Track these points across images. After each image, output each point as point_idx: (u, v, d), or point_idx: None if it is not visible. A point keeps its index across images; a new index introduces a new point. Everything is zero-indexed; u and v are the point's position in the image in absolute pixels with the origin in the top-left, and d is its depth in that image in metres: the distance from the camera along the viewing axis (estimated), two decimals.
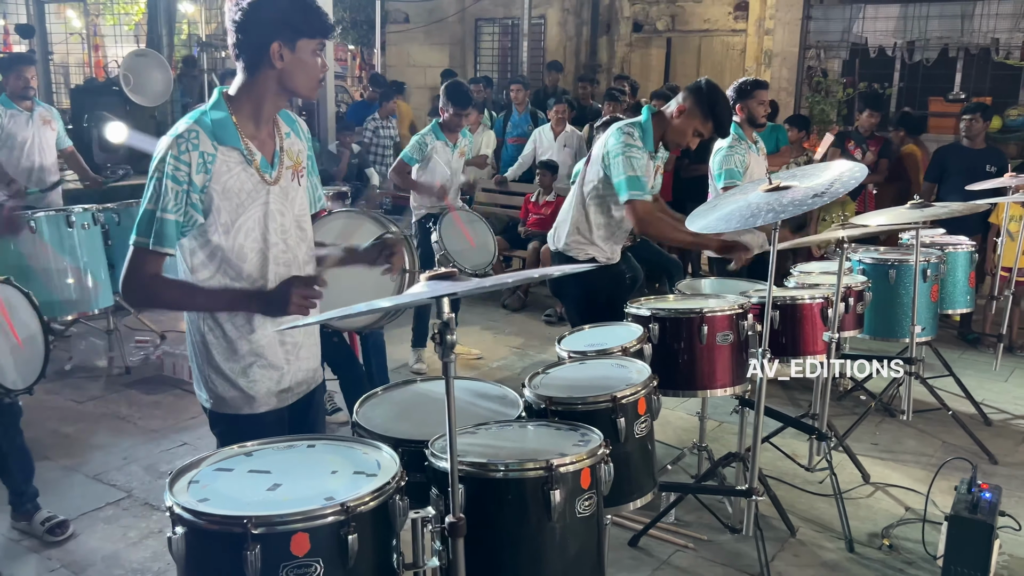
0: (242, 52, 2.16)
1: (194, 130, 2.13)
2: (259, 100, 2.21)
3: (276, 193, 2.26)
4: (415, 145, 5.65)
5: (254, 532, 1.62)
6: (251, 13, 2.11)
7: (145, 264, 2.15)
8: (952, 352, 6.24)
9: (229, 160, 2.17)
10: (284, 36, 2.12)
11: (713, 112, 3.67)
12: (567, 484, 1.91)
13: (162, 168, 2.10)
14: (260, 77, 2.18)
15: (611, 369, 2.64)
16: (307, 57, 2.17)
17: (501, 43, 13.04)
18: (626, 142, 3.70)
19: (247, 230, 2.21)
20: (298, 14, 2.14)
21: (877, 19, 9.07)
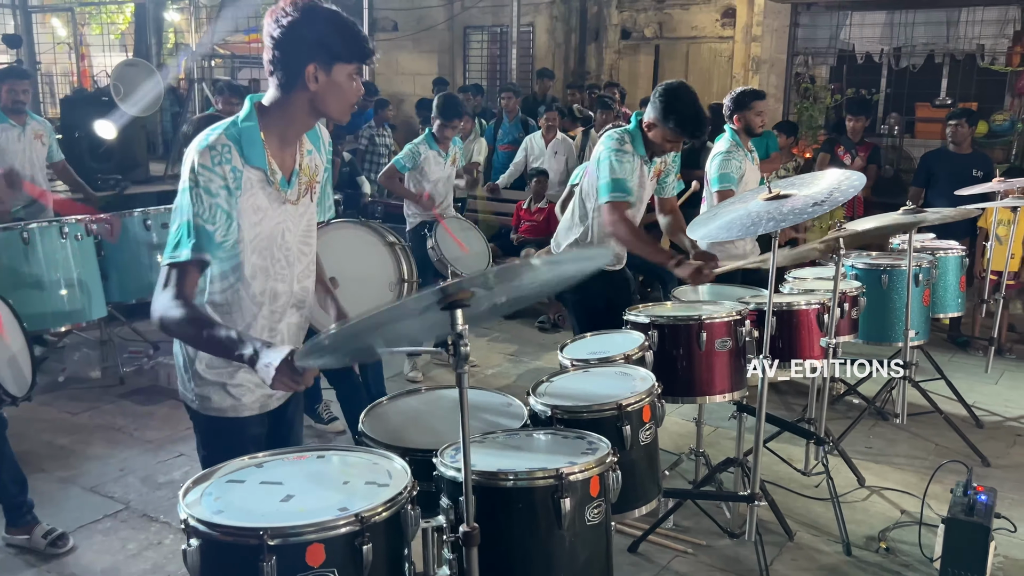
0: (277, 69, 2.13)
1: (226, 144, 2.11)
2: (289, 119, 2.19)
3: (289, 212, 2.26)
4: (408, 153, 5.69)
5: (270, 543, 1.63)
6: (290, 32, 2.08)
7: (187, 277, 2.09)
8: (942, 355, 6.29)
9: (252, 178, 2.16)
10: (321, 59, 2.10)
11: (670, 124, 3.67)
12: (577, 492, 1.93)
13: (194, 179, 2.07)
14: (293, 97, 2.15)
15: (615, 377, 2.66)
16: (342, 81, 2.13)
17: (490, 51, 13.07)
18: (615, 147, 3.75)
19: (261, 249, 2.21)
20: (337, 38, 2.11)
21: (864, 26, 9.16)
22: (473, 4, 12.62)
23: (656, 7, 11.43)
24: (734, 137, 4.87)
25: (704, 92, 11.26)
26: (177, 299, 2.07)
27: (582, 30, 12.04)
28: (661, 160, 3.96)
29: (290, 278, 2.31)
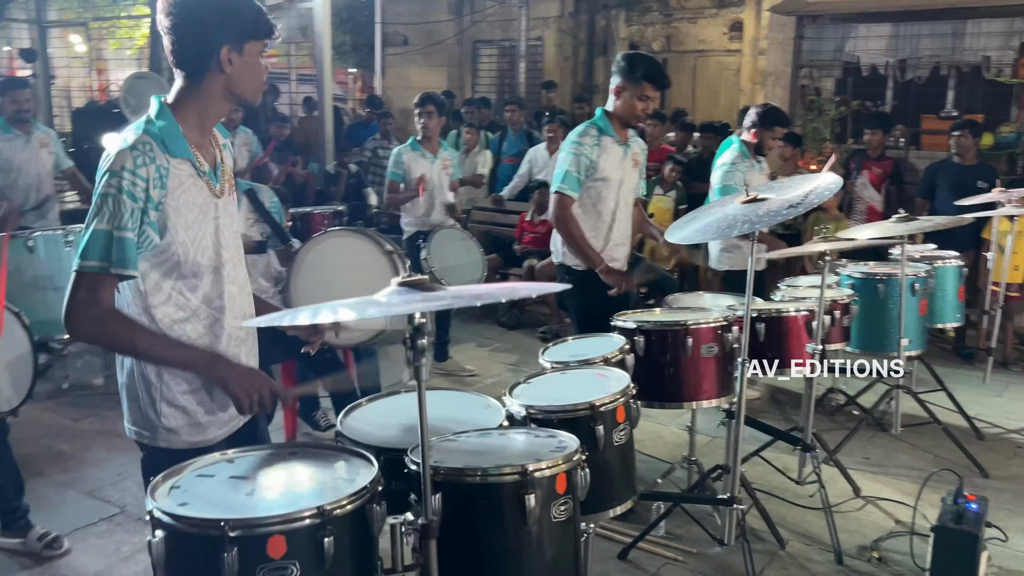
0: (184, 58, 2.07)
1: (146, 142, 2.01)
2: (204, 107, 2.12)
3: (222, 207, 2.19)
4: (392, 161, 5.82)
5: (231, 535, 1.65)
6: (193, 17, 2.03)
7: (102, 290, 1.99)
8: (946, 367, 6.25)
9: (181, 173, 2.07)
10: (232, 39, 2.06)
11: (639, 74, 3.87)
12: (542, 489, 1.94)
13: (117, 184, 1.96)
14: (205, 83, 2.09)
15: (591, 378, 2.68)
16: (254, 60, 2.11)
17: (499, 65, 13.16)
18: (575, 140, 3.96)
19: (202, 248, 2.12)
20: (243, 16, 2.07)
21: (869, 38, 9.15)
22: (483, 19, 12.72)
23: (664, 21, 11.48)
24: (742, 148, 4.89)
25: (711, 105, 11.30)
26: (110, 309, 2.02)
27: (590, 44, 12.10)
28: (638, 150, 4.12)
29: (238, 276, 2.24)
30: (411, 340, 1.63)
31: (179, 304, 2.12)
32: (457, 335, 6.85)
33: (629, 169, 4.05)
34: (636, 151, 4.13)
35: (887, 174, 7.26)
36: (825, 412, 5.42)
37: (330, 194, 8.50)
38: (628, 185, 4.06)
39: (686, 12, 11.29)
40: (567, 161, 3.91)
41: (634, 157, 4.09)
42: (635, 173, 4.10)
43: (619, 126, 4.01)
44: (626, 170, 4.03)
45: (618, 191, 4.01)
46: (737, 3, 10.82)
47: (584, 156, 3.90)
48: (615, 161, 3.98)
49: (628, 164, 4.04)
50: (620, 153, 4.00)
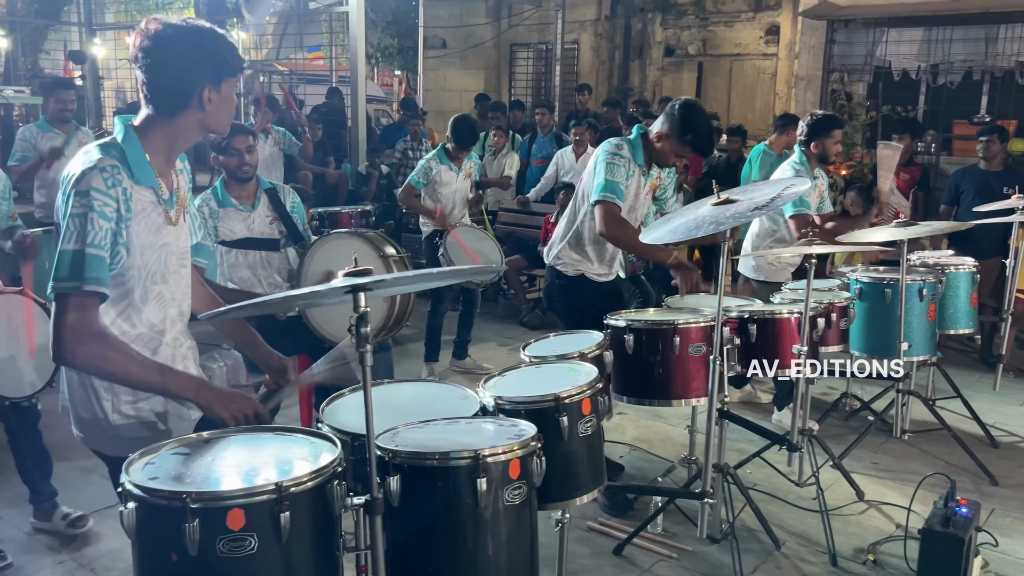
0: (160, 96, 2.10)
1: (114, 164, 2.04)
2: (174, 139, 2.16)
3: (174, 233, 2.22)
4: (421, 170, 5.90)
5: (192, 507, 1.77)
6: (174, 59, 2.06)
7: (88, 311, 1.99)
8: (971, 375, 6.21)
9: (143, 199, 2.10)
10: (211, 79, 2.10)
11: (687, 138, 3.77)
12: (496, 473, 2.04)
13: (87, 203, 1.97)
14: (180, 118, 2.13)
15: (562, 372, 2.76)
16: (229, 95, 2.16)
17: (535, 68, 13.27)
18: (612, 152, 3.86)
19: (151, 272, 2.15)
20: (222, 55, 2.12)
21: (900, 42, 9.07)
22: (519, 22, 12.84)
23: (700, 24, 11.49)
24: (802, 160, 4.85)
25: (747, 109, 11.28)
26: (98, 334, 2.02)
27: (626, 47, 12.15)
28: (656, 175, 4.05)
29: (180, 301, 2.28)
30: (355, 328, 1.73)
31: (122, 330, 2.14)
32: (480, 334, 6.97)
33: (643, 197, 4.04)
34: (656, 176, 4.10)
35: (915, 180, 7.20)
36: (839, 417, 5.42)
37: (361, 195, 8.67)
38: (636, 213, 4.05)
39: (722, 16, 11.29)
40: (606, 171, 3.81)
41: (652, 184, 4.08)
42: (648, 200, 4.08)
43: (648, 158, 3.97)
44: (640, 198, 4.02)
45: (626, 216, 4.03)
46: (774, 7, 10.79)
47: (622, 168, 3.84)
48: (634, 189, 3.96)
49: (644, 192, 4.03)
50: (641, 182, 3.99)
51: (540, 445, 2.15)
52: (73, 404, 2.23)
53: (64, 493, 4.08)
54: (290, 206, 4.26)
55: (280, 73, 16.32)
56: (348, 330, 1.76)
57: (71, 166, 2.09)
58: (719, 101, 11.52)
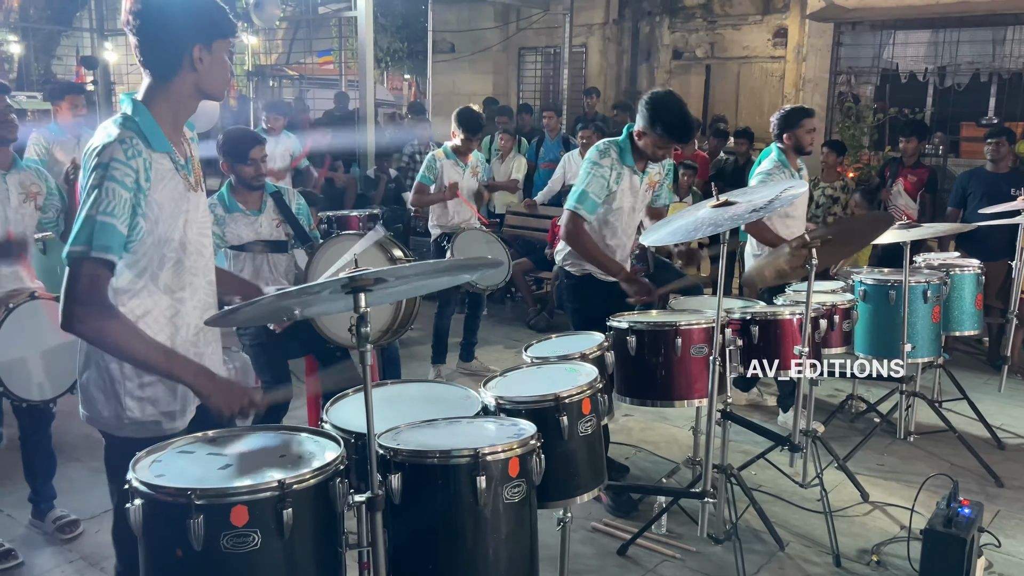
0: (155, 58, 2.14)
1: (131, 135, 2.08)
2: (176, 105, 2.20)
3: (194, 200, 2.25)
4: (426, 165, 5.96)
5: (197, 503, 1.81)
6: (164, 19, 2.10)
7: (98, 277, 2.02)
8: (978, 377, 6.19)
9: (162, 167, 2.14)
10: (202, 39, 2.14)
11: (659, 130, 3.80)
12: (495, 471, 2.07)
13: (106, 173, 2.02)
14: (176, 81, 2.16)
15: (563, 373, 2.78)
16: (221, 57, 2.19)
17: (544, 71, 13.31)
18: (594, 160, 3.93)
19: (172, 240, 2.18)
20: (210, 15, 2.16)
21: (907, 44, 9.07)
22: (528, 26, 12.88)
23: (708, 28, 11.50)
24: (780, 157, 4.88)
25: (755, 112, 11.27)
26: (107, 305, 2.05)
27: (634, 51, 12.17)
28: (656, 171, 4.08)
29: (205, 272, 2.31)
30: (356, 328, 1.77)
31: (143, 297, 2.17)
32: (487, 336, 7.00)
33: (641, 195, 4.07)
34: (653, 174, 4.13)
35: (923, 182, 7.19)
36: (845, 419, 5.43)
37: (369, 198, 8.72)
38: (637, 213, 4.09)
39: (730, 19, 11.31)
40: (586, 181, 3.88)
41: (650, 180, 4.11)
42: (648, 196, 4.13)
43: (638, 158, 3.99)
44: (638, 197, 4.05)
45: (627, 217, 4.05)
46: (781, 10, 10.80)
47: (602, 178, 3.88)
48: (629, 189, 3.99)
49: (642, 190, 4.06)
50: (635, 182, 4.01)
51: (539, 444, 2.18)
52: (86, 383, 2.25)
53: (73, 494, 4.14)
54: (295, 208, 4.31)
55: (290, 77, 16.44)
56: (349, 330, 1.79)
57: (92, 140, 2.13)
58: (727, 104, 11.53)
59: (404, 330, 4.02)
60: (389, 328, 3.71)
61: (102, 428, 2.31)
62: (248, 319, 2.08)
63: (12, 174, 3.74)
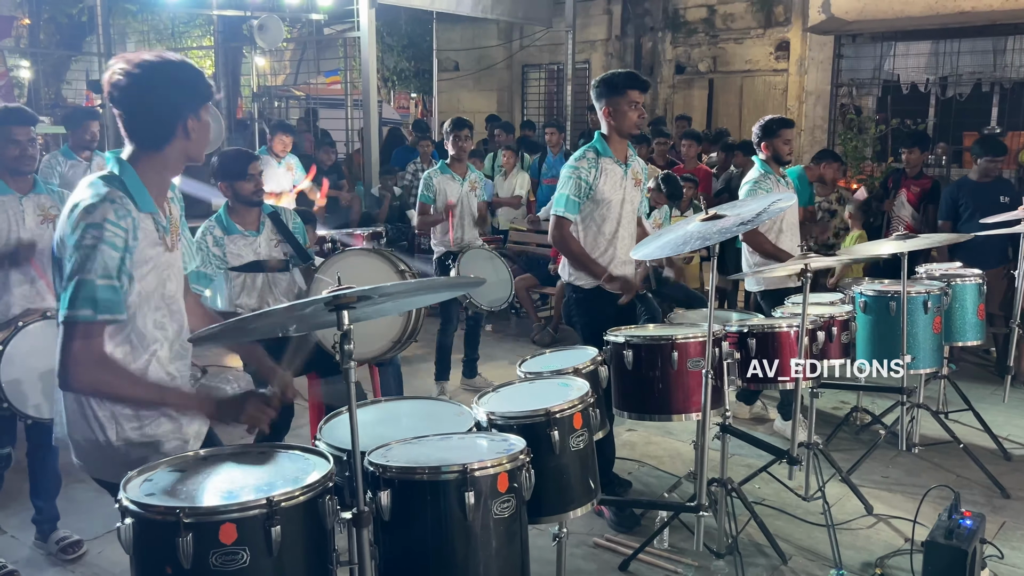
0: (145, 131, 2.16)
1: (121, 195, 2.10)
2: (163, 169, 2.21)
3: (170, 259, 2.27)
4: (423, 184, 5.99)
5: (186, 521, 1.83)
6: (157, 97, 2.12)
7: (94, 339, 2.05)
8: (984, 387, 6.15)
9: (147, 227, 2.16)
10: (193, 108, 2.17)
11: (620, 85, 3.96)
12: (484, 487, 2.08)
13: (99, 235, 2.03)
14: (167, 150, 2.18)
15: (555, 387, 2.79)
16: (207, 119, 2.23)
17: (547, 88, 13.38)
18: (572, 165, 4.08)
19: (150, 299, 2.20)
20: (199, 84, 2.18)
21: (908, 56, 9.08)
22: (531, 43, 12.96)
23: (710, 42, 11.55)
24: (763, 166, 4.96)
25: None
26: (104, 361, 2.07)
27: (637, 66, 12.22)
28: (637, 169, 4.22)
29: (178, 327, 2.32)
30: (339, 345, 1.79)
31: (124, 351, 2.18)
32: (491, 352, 7.01)
33: (630, 188, 4.14)
34: (636, 170, 4.22)
35: (925, 192, 7.17)
36: (850, 431, 5.40)
37: (374, 216, 8.76)
38: (630, 205, 4.16)
39: (732, 33, 11.35)
40: (564, 185, 4.04)
41: (635, 176, 4.18)
42: (637, 192, 4.20)
43: (618, 146, 4.10)
44: (627, 189, 4.12)
45: (620, 211, 4.11)
46: (783, 23, 10.83)
47: (581, 179, 4.00)
48: (615, 181, 4.07)
49: (629, 183, 4.13)
50: (620, 173, 4.10)
51: (529, 459, 2.18)
52: (72, 433, 2.25)
53: (77, 514, 4.15)
54: (292, 227, 4.35)
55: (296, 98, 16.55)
56: (332, 347, 1.81)
57: (76, 195, 2.14)
58: (731, 117, 11.56)
59: (410, 341, 4.06)
60: (399, 339, 3.75)
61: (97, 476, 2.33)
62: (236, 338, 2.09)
63: (30, 197, 3.85)
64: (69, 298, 2.03)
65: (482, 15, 10.73)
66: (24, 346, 3.65)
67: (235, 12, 10.92)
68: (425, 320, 4.23)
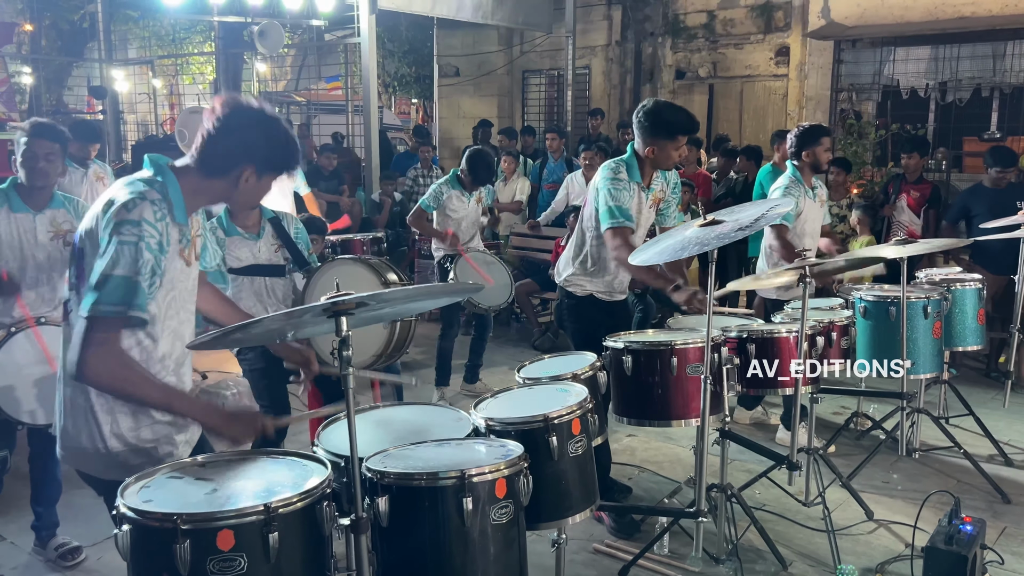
0: (210, 159, 2.20)
1: (161, 200, 2.14)
2: (200, 193, 2.25)
3: (188, 273, 2.30)
4: (432, 194, 5.96)
5: (183, 528, 1.83)
6: (238, 132, 2.17)
7: (116, 334, 2.07)
8: (985, 392, 6.15)
9: (174, 236, 2.19)
10: (258, 166, 2.21)
11: (671, 130, 3.83)
12: (482, 492, 2.08)
13: (139, 233, 2.06)
14: (215, 182, 2.23)
15: (554, 393, 2.79)
16: (265, 185, 2.28)
17: (548, 93, 13.38)
18: (611, 177, 3.90)
19: (170, 308, 2.24)
20: (278, 152, 2.23)
21: (908, 61, 9.09)
22: (531, 49, 12.97)
23: (710, 47, 11.55)
24: (795, 174, 4.90)
25: (759, 130, 11.28)
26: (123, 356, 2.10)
27: (637, 71, 12.22)
28: (659, 188, 4.11)
29: (188, 337, 2.35)
30: (338, 352, 1.79)
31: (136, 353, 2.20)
32: (492, 357, 7.00)
33: (646, 212, 4.08)
34: (658, 190, 4.14)
35: (926, 197, 7.18)
36: (851, 437, 5.40)
37: (374, 222, 8.77)
38: (642, 230, 4.10)
39: (732, 38, 11.34)
40: (609, 197, 3.85)
41: (654, 198, 4.12)
42: (651, 215, 4.14)
43: (647, 171, 4.01)
44: (643, 214, 4.06)
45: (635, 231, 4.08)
46: (783, 28, 10.83)
47: (626, 191, 3.89)
48: (636, 206, 4.00)
49: (646, 207, 4.08)
50: (642, 199, 4.03)
51: (527, 465, 2.18)
52: (67, 426, 2.26)
53: (76, 520, 4.15)
54: (294, 233, 4.35)
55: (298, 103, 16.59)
56: (331, 353, 1.81)
57: (113, 192, 2.17)
58: (731, 123, 11.56)
59: (400, 353, 4.03)
60: (383, 352, 3.72)
61: (84, 470, 2.34)
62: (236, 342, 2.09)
63: (44, 214, 3.87)
64: (103, 292, 2.04)
65: (482, 20, 10.74)
66: (16, 352, 3.66)
67: (236, 18, 10.96)
68: (426, 325, 4.22)
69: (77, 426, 2.23)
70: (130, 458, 2.23)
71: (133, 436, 2.23)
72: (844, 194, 7.54)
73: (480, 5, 10.35)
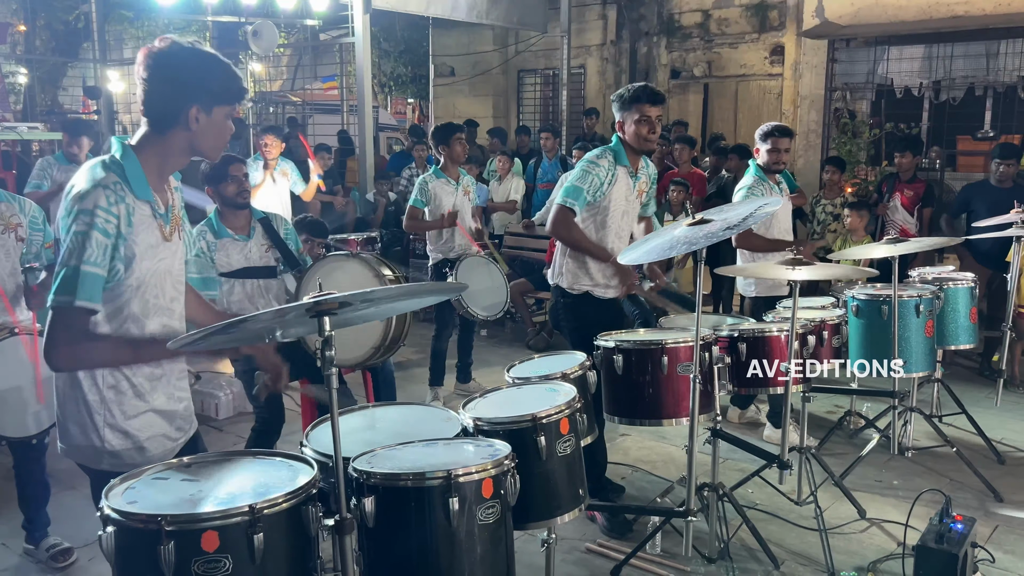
0: (153, 109, 2.17)
1: (116, 181, 2.11)
2: (164, 157, 2.22)
3: (170, 249, 2.27)
4: (417, 188, 5.96)
5: (167, 529, 1.82)
6: (170, 74, 2.12)
7: (75, 323, 2.08)
8: (979, 391, 6.15)
9: (143, 213, 2.16)
10: (202, 101, 2.15)
11: (630, 99, 3.99)
12: (468, 492, 2.07)
13: (90, 221, 2.05)
14: (170, 136, 2.18)
15: (542, 393, 2.79)
16: (220, 121, 2.20)
17: (543, 93, 13.38)
18: (590, 160, 4.05)
19: (152, 286, 2.22)
20: (219, 81, 2.16)
21: (902, 60, 9.09)
22: (526, 48, 12.96)
23: (705, 47, 11.54)
24: (758, 172, 4.94)
25: (754, 129, 11.22)
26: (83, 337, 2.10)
27: (632, 71, 12.22)
28: (644, 180, 4.20)
29: (180, 315, 2.34)
30: (321, 352, 1.78)
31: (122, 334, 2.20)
32: (486, 357, 7.00)
33: (633, 201, 4.14)
34: (643, 181, 4.22)
35: (919, 196, 7.18)
36: (844, 435, 5.40)
37: (368, 221, 8.76)
38: (629, 217, 4.15)
39: (727, 38, 11.34)
40: (578, 177, 3.99)
41: (640, 188, 4.19)
42: (637, 204, 4.20)
43: (632, 157, 4.09)
44: (630, 202, 4.12)
45: (619, 221, 4.10)
46: (778, 27, 10.83)
47: (596, 177, 3.98)
48: (623, 192, 4.07)
49: (633, 196, 4.14)
50: (629, 185, 4.10)
51: (514, 464, 2.17)
52: (64, 416, 2.28)
53: (68, 521, 4.14)
54: (283, 233, 4.35)
55: (293, 103, 16.57)
56: (313, 354, 1.80)
57: (75, 180, 2.17)
58: (726, 122, 11.56)
59: (396, 348, 4.03)
60: (380, 345, 3.72)
61: (80, 461, 2.32)
62: (221, 343, 2.08)
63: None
64: (55, 284, 2.08)
65: (477, 20, 10.74)
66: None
67: (230, 18, 10.95)
68: (420, 325, 4.21)
69: (72, 417, 2.25)
70: (123, 448, 2.24)
71: (125, 426, 2.24)
72: (838, 193, 7.54)
73: (475, 5, 10.34)
